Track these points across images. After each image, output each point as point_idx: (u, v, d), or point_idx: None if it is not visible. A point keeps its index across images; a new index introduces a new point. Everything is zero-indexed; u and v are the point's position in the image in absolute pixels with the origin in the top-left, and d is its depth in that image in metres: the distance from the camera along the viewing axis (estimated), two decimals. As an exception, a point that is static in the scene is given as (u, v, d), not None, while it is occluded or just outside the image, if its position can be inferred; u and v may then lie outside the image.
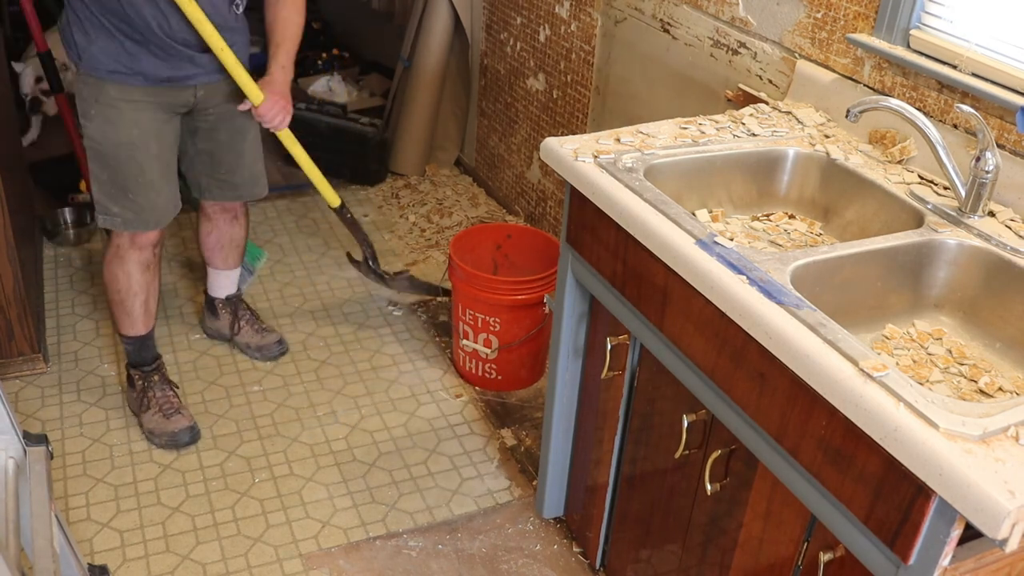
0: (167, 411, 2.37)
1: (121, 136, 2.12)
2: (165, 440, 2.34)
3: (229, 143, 2.36)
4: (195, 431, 2.37)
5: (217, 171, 2.40)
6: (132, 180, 2.17)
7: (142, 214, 2.21)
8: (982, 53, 1.58)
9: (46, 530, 1.37)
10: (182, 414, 2.38)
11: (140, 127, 2.14)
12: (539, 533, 2.16)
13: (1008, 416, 1.05)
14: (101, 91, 2.10)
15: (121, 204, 2.19)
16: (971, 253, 1.43)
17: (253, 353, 2.70)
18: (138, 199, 2.19)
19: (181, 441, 2.34)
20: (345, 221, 2.75)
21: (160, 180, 2.21)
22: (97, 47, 2.06)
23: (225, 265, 2.65)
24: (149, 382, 2.41)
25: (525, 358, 2.58)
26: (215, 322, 2.74)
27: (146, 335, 2.40)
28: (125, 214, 2.20)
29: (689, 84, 2.32)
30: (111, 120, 2.11)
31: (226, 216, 2.55)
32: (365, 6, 4.32)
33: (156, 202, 2.22)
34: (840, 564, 1.23)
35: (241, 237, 2.62)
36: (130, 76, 2.09)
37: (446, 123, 3.80)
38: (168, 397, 2.40)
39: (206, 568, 2.03)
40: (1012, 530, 0.94)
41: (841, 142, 1.75)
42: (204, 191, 2.45)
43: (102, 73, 2.08)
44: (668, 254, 1.41)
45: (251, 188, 2.48)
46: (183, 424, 2.35)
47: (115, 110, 2.11)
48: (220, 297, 2.71)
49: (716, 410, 1.41)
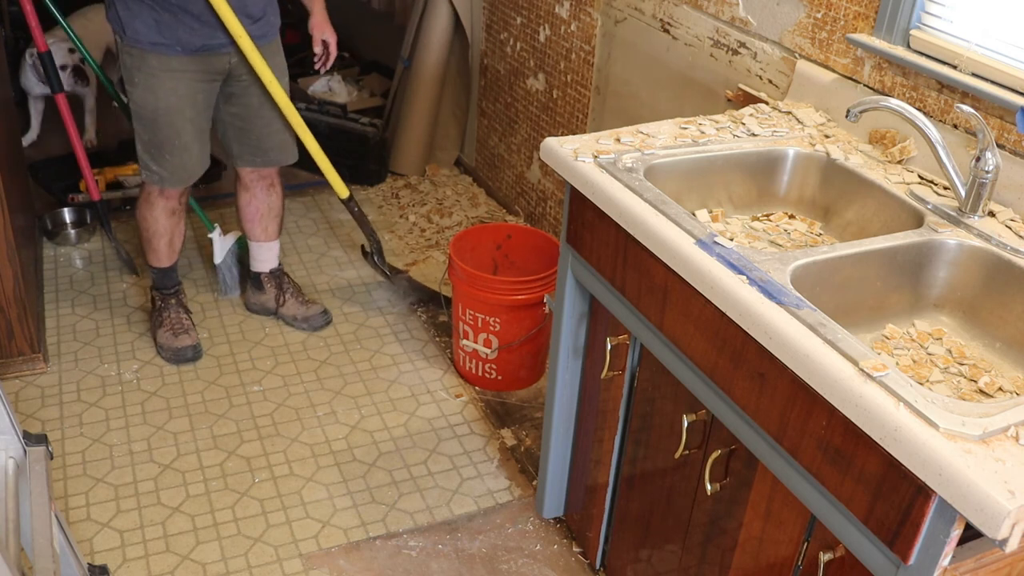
0: (177, 330, 2.66)
1: (160, 103, 2.35)
2: (170, 355, 2.63)
3: (259, 109, 2.53)
4: (198, 349, 2.66)
5: (248, 136, 2.57)
6: (168, 142, 2.41)
7: (176, 172, 2.47)
8: (982, 53, 1.58)
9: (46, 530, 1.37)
10: (189, 334, 2.67)
11: (177, 94, 2.36)
12: (539, 533, 2.16)
13: (1008, 416, 1.05)
14: (144, 61, 2.31)
15: (159, 163, 2.45)
16: (971, 253, 1.43)
17: (300, 324, 2.84)
18: (173, 159, 2.44)
19: (184, 357, 2.63)
20: (352, 213, 2.85)
21: (193, 142, 2.45)
22: (140, 21, 2.27)
23: (266, 236, 2.80)
24: (167, 303, 2.70)
25: (525, 358, 2.58)
26: (260, 296, 2.88)
27: (169, 267, 2.69)
28: (162, 171, 2.46)
29: (689, 84, 2.32)
30: (152, 88, 2.34)
31: (263, 184, 2.70)
32: (365, 6, 4.32)
33: (187, 162, 2.47)
34: (840, 564, 1.23)
35: (279, 206, 2.77)
36: (169, 47, 2.29)
37: (446, 123, 3.80)
38: (180, 318, 2.69)
39: (206, 568, 2.03)
40: (1012, 530, 0.94)
41: (841, 142, 1.75)
42: (237, 158, 2.63)
43: (144, 45, 2.29)
44: (668, 254, 1.41)
45: (280, 153, 2.64)
46: (188, 342, 2.65)
47: (155, 79, 2.33)
48: (264, 271, 2.86)
49: (716, 410, 1.41)
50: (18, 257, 2.45)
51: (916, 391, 1.08)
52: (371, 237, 2.91)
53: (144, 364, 2.65)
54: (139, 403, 2.50)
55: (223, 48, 2.35)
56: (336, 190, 2.77)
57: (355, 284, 3.09)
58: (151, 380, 2.59)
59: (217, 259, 2.86)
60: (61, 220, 3.28)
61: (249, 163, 2.63)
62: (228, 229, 3.04)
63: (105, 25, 3.80)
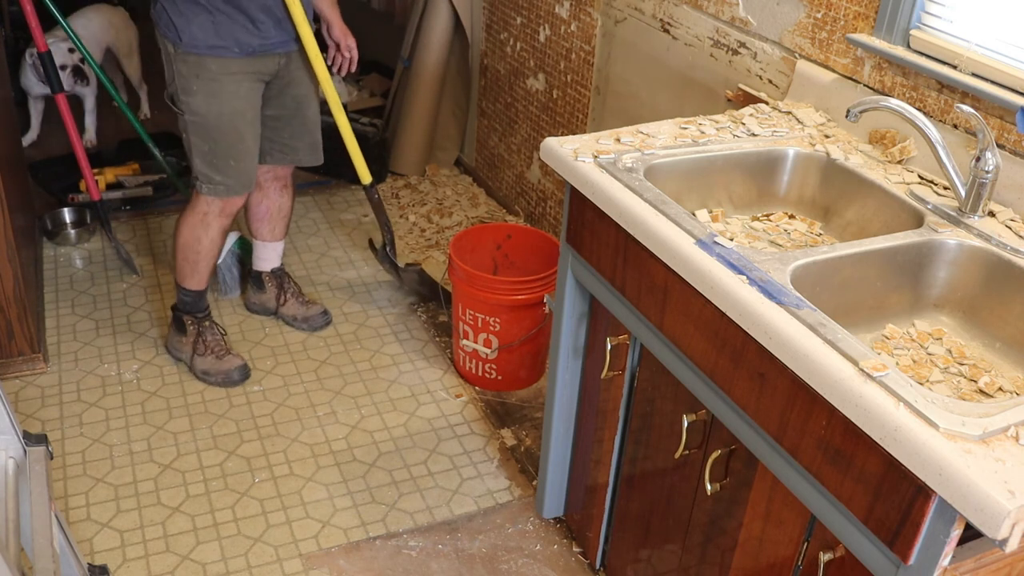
0: (219, 353, 2.59)
1: (224, 107, 2.31)
2: (221, 379, 2.57)
3: (296, 108, 2.52)
4: (246, 369, 2.61)
5: (281, 135, 2.54)
6: (234, 148, 2.36)
7: (241, 178, 2.42)
8: (982, 53, 1.58)
9: (46, 530, 1.37)
10: (232, 354, 2.61)
11: (239, 97, 2.32)
12: (539, 533, 2.16)
13: (1008, 416, 1.05)
14: (202, 67, 2.26)
15: (224, 172, 2.38)
16: (971, 253, 1.43)
17: (300, 324, 2.83)
18: (238, 165, 2.39)
19: (234, 379, 2.57)
20: (371, 201, 2.86)
21: (253, 146, 2.42)
22: (196, 25, 2.22)
23: (272, 236, 2.79)
24: (202, 327, 2.62)
25: (525, 358, 2.58)
26: (260, 295, 2.87)
27: (206, 289, 2.63)
28: (227, 180, 2.40)
29: (689, 84, 2.32)
30: (214, 93, 2.28)
31: (276, 184, 2.69)
32: (365, 6, 4.32)
33: (250, 167, 2.43)
34: (840, 564, 1.23)
35: (288, 208, 2.76)
36: (227, 49, 2.25)
37: (446, 123, 3.80)
38: (218, 340, 2.62)
39: (206, 568, 2.03)
40: (1012, 530, 0.94)
41: (841, 142, 1.75)
42: (264, 155, 2.57)
43: (202, 49, 2.24)
44: (668, 254, 1.41)
45: (310, 154, 2.63)
46: (237, 363, 2.59)
47: (216, 83, 2.28)
48: (266, 270, 2.84)
49: (716, 410, 1.41)
50: (18, 257, 2.45)
51: (916, 391, 1.08)
52: (386, 227, 2.90)
53: (144, 364, 2.65)
54: (139, 403, 2.50)
55: (277, 48, 2.34)
56: (360, 175, 2.78)
57: (355, 284, 3.09)
58: (151, 380, 2.59)
59: (217, 259, 2.86)
60: (61, 220, 3.28)
61: (278, 161, 2.60)
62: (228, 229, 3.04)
63: (105, 25, 3.84)
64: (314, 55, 2.40)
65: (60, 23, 3.27)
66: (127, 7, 4.17)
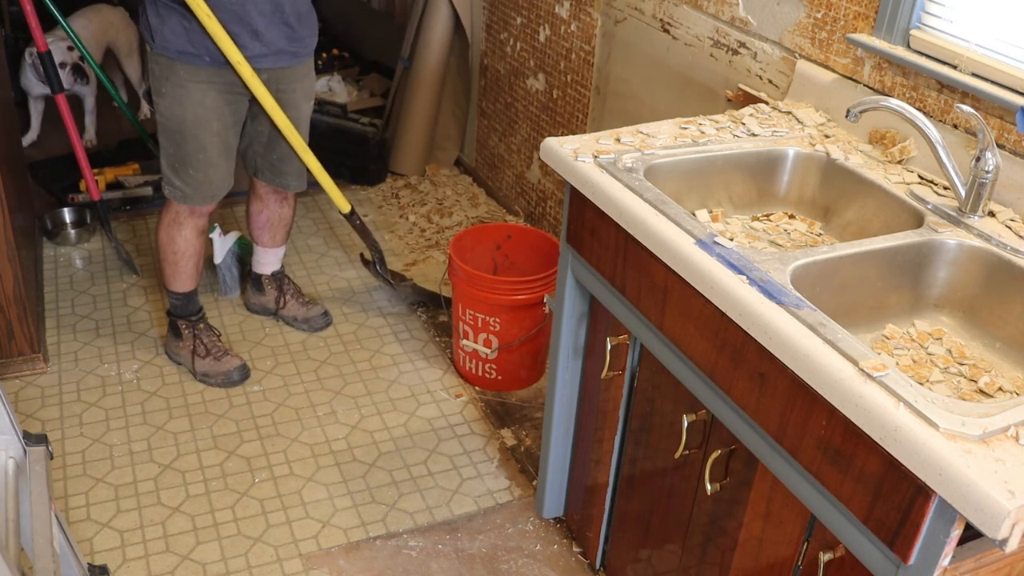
0: (217, 354, 2.60)
1: (187, 114, 2.29)
2: (220, 380, 2.57)
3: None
4: (245, 369, 2.61)
5: (270, 155, 2.55)
6: (193, 157, 2.34)
7: (200, 189, 2.39)
8: (982, 53, 1.58)
9: (46, 530, 1.37)
10: (231, 355, 2.62)
11: (204, 106, 2.29)
12: (539, 533, 2.15)
13: (1008, 416, 1.05)
14: (172, 71, 2.25)
15: (182, 179, 2.37)
16: (971, 253, 1.43)
17: (300, 325, 2.84)
18: (197, 175, 2.37)
19: (233, 379, 2.58)
20: (355, 227, 2.83)
21: (218, 157, 2.38)
22: (168, 28, 2.21)
23: (272, 243, 2.79)
24: (197, 330, 2.62)
25: (525, 358, 2.58)
26: (260, 297, 2.87)
27: (193, 291, 2.61)
28: (185, 188, 2.39)
29: (689, 84, 2.32)
30: (179, 98, 2.27)
31: (276, 197, 2.70)
32: (365, 6, 4.32)
33: (212, 178, 2.39)
34: (840, 564, 1.23)
35: (289, 216, 2.76)
36: (197, 56, 2.23)
37: (446, 123, 3.80)
38: (215, 342, 2.62)
39: (206, 568, 2.03)
40: (1012, 530, 0.94)
41: (841, 142, 1.75)
42: (258, 171, 2.60)
43: (172, 53, 2.23)
44: (668, 254, 1.41)
45: (295, 179, 2.62)
46: (235, 363, 2.59)
47: (183, 89, 2.26)
48: (266, 273, 2.85)
49: (716, 410, 1.41)
50: (18, 257, 2.45)
51: (916, 391, 1.08)
52: (373, 248, 2.89)
53: (144, 364, 2.65)
54: (139, 403, 2.50)
55: (254, 62, 2.28)
56: (337, 205, 2.74)
57: (355, 284, 3.09)
58: (151, 380, 2.59)
59: (217, 259, 2.86)
60: (61, 220, 3.28)
61: (268, 180, 2.60)
62: (228, 229, 3.04)
63: (105, 25, 3.85)
64: (253, 87, 2.32)
65: (60, 23, 3.27)
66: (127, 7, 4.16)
